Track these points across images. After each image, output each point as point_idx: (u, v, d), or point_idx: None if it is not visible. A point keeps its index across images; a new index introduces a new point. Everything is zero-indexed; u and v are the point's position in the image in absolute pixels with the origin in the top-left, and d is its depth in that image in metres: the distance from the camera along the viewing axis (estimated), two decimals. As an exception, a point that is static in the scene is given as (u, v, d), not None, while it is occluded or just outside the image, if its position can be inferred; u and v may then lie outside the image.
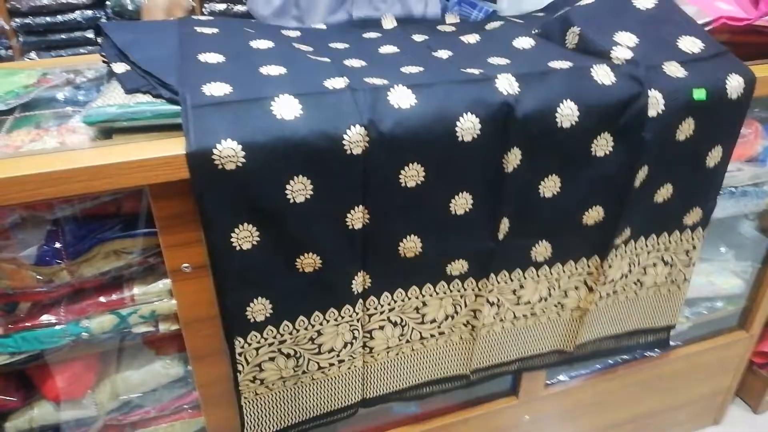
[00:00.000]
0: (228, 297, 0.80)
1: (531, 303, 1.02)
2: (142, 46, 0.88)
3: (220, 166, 0.69)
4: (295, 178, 0.73)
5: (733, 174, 1.14)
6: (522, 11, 1.23)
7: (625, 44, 0.91)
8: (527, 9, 1.24)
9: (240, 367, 0.87)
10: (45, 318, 0.85)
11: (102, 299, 0.87)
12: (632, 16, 0.95)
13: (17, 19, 2.39)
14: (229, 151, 0.69)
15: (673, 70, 0.88)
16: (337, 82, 0.79)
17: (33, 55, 2.47)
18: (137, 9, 2.50)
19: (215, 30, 0.96)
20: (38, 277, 0.82)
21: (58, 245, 0.82)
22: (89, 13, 2.45)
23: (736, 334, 1.41)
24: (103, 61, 0.96)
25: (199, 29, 0.96)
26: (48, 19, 2.39)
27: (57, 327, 0.85)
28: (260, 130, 0.70)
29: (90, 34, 2.50)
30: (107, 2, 2.50)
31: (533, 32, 1.04)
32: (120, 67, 0.84)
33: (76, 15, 2.43)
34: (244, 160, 0.70)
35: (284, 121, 0.72)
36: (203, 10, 2.71)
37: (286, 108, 0.73)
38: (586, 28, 0.94)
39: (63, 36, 2.46)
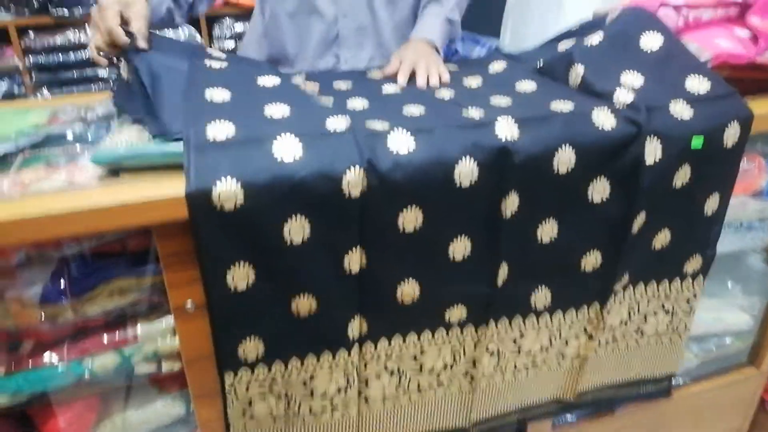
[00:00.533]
0: (221, 333, 0.80)
1: (532, 353, 1.01)
2: (159, 88, 0.88)
3: (219, 207, 0.70)
4: (293, 218, 0.74)
5: (737, 209, 1.14)
6: (524, 47, 1.25)
7: (629, 85, 0.91)
8: (530, 44, 1.26)
9: (230, 400, 0.86)
10: (47, 358, 0.84)
11: (104, 338, 0.86)
12: (638, 56, 0.96)
13: (30, 58, 2.46)
14: (228, 192, 0.69)
15: (679, 110, 0.89)
16: (339, 124, 0.79)
17: (45, 91, 2.53)
18: (147, 46, 2.56)
19: (224, 64, 0.98)
20: (43, 315, 0.82)
21: (63, 283, 0.82)
22: (101, 51, 2.51)
23: (747, 371, 1.38)
24: (114, 104, 0.98)
25: (208, 62, 0.97)
26: (60, 57, 2.46)
27: (59, 367, 0.84)
28: (260, 170, 0.71)
29: (102, 72, 2.55)
30: (118, 41, 2.57)
31: (537, 66, 1.06)
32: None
33: (88, 53, 2.48)
34: (242, 201, 0.70)
35: (284, 163, 0.72)
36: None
37: (287, 149, 0.74)
38: (589, 69, 0.95)
39: (74, 73, 2.52)
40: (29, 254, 0.81)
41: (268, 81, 0.94)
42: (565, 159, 0.83)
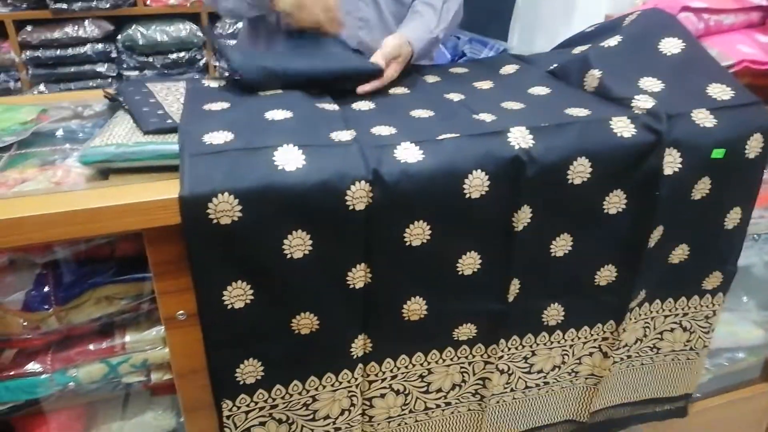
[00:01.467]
0: (217, 356, 0.77)
1: (544, 372, 0.97)
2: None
3: (215, 220, 0.66)
4: (294, 232, 0.70)
5: (755, 221, 1.10)
6: (532, 50, 1.21)
7: (649, 90, 0.88)
8: (538, 47, 1.22)
9: (228, 431, 0.82)
10: (30, 366, 0.81)
11: (91, 347, 0.83)
12: (658, 60, 0.92)
13: (27, 52, 2.41)
14: (225, 204, 0.66)
15: (702, 117, 0.85)
16: (343, 135, 0.76)
17: (42, 87, 2.49)
18: (148, 43, 2.53)
19: (222, 83, 0.95)
20: (24, 323, 0.78)
21: (47, 290, 0.78)
22: (99, 46, 2.47)
23: (759, 387, 1.34)
24: (105, 96, 0.94)
25: (206, 82, 0.95)
26: (58, 52, 2.42)
27: (43, 376, 0.81)
28: (259, 181, 0.67)
29: (99, 68, 2.51)
30: (118, 37, 2.53)
31: (549, 69, 1.02)
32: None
33: (87, 48, 2.45)
34: (240, 214, 0.67)
35: (285, 173, 0.68)
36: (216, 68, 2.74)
37: (289, 159, 0.70)
38: (607, 73, 0.91)
39: (72, 69, 2.48)
40: (12, 258, 0.77)
41: (269, 91, 0.91)
42: (580, 169, 0.79)
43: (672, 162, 0.83)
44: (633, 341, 1.01)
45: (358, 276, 0.76)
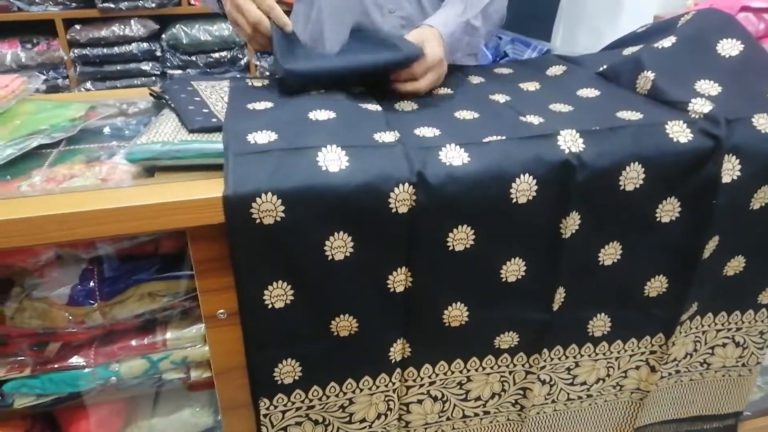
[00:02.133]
0: (256, 355, 0.77)
1: (587, 384, 0.94)
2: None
3: (258, 220, 0.66)
4: (336, 234, 0.69)
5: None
6: (576, 51, 1.18)
7: (706, 93, 0.84)
8: (582, 49, 1.18)
9: (264, 429, 0.82)
10: (74, 360, 0.82)
11: (133, 343, 0.84)
12: (716, 63, 0.88)
13: (75, 50, 2.47)
14: (268, 204, 0.65)
15: (763, 123, 0.81)
16: (387, 136, 0.75)
17: (89, 84, 2.55)
18: (191, 42, 2.57)
19: (266, 82, 0.95)
20: (69, 317, 0.79)
21: (92, 285, 0.80)
22: (145, 45, 2.53)
23: (816, 408, 1.28)
24: (151, 94, 0.95)
25: (250, 81, 0.95)
26: (105, 50, 2.48)
27: (86, 370, 0.82)
28: (302, 182, 0.67)
29: (144, 66, 2.56)
30: (162, 36, 2.58)
31: (599, 70, 0.99)
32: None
33: (132, 47, 2.51)
34: (283, 215, 0.66)
35: (328, 174, 0.68)
36: (257, 68, 2.77)
37: (332, 159, 0.69)
38: (661, 75, 0.87)
39: (118, 67, 2.53)
40: (58, 253, 0.79)
41: (313, 91, 0.90)
42: (633, 175, 0.76)
43: (731, 169, 0.79)
44: (683, 356, 0.97)
45: (399, 280, 0.75)
